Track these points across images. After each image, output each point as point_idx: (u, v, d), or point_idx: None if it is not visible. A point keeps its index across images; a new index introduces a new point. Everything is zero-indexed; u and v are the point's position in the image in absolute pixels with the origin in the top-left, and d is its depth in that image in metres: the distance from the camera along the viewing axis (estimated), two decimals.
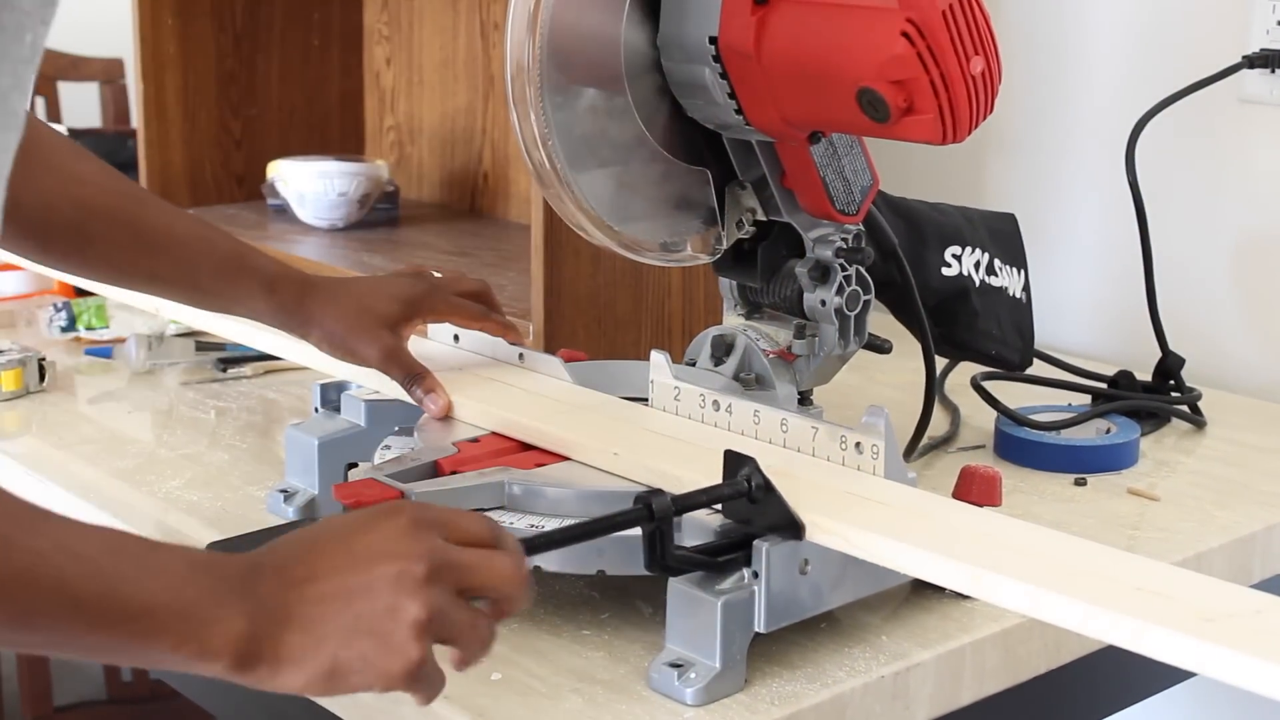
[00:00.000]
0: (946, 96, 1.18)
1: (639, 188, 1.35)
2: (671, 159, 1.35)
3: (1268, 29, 1.83)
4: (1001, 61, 1.21)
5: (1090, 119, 2.03)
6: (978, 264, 1.57)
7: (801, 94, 1.26)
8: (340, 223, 2.27)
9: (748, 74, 1.27)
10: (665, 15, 1.32)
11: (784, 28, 1.25)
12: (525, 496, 1.20)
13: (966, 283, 1.56)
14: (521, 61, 1.28)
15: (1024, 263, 1.63)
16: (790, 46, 1.24)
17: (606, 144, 1.32)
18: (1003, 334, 1.60)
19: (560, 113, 1.29)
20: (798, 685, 1.12)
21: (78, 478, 1.51)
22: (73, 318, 1.96)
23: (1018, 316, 1.62)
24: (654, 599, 1.21)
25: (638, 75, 1.33)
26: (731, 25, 1.27)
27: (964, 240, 1.57)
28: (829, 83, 1.22)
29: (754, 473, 1.10)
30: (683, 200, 1.37)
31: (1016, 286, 1.62)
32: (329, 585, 0.92)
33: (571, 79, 1.30)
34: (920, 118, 1.18)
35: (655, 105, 1.34)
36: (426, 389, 1.36)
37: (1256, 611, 0.95)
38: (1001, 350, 1.60)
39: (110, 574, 0.87)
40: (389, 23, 2.52)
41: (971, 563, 1.02)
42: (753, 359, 1.38)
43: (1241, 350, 1.92)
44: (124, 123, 3.42)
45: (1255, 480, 1.56)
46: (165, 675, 1.51)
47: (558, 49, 1.28)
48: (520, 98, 1.29)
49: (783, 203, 1.36)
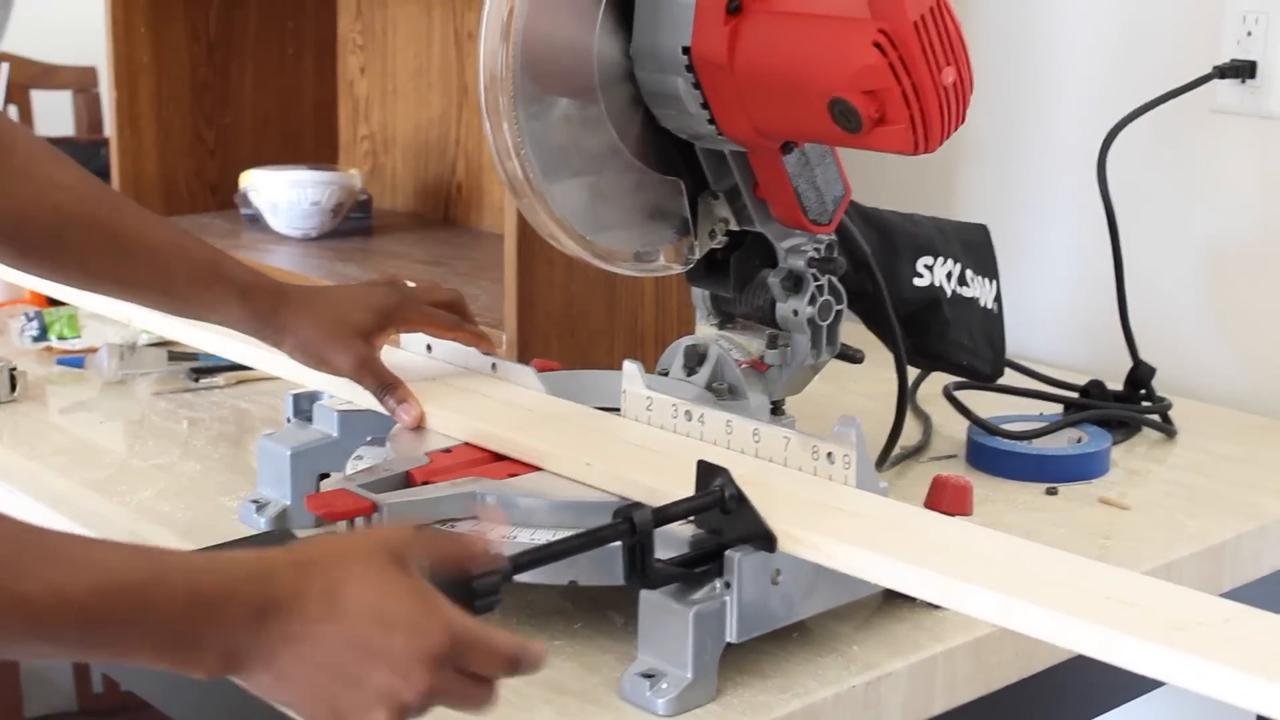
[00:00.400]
0: (918, 106, 1.18)
1: (612, 198, 1.35)
2: (644, 169, 1.36)
3: (1238, 40, 1.84)
4: (973, 72, 1.22)
5: (1062, 129, 2.04)
6: (949, 274, 1.57)
7: (774, 104, 1.26)
8: (314, 232, 2.27)
9: (720, 84, 1.28)
10: (638, 25, 1.32)
11: (757, 37, 1.25)
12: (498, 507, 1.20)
13: (938, 293, 1.56)
14: (495, 71, 1.28)
15: (995, 273, 1.64)
16: (763, 56, 1.24)
17: (579, 154, 1.32)
18: (974, 344, 1.60)
19: (533, 123, 1.29)
20: (769, 695, 1.12)
21: (49, 488, 1.51)
22: (44, 327, 1.95)
23: (989, 327, 1.62)
24: (626, 609, 1.21)
25: (611, 85, 1.33)
26: (704, 35, 1.27)
27: (936, 251, 1.57)
28: (801, 92, 1.22)
29: (727, 483, 1.10)
30: (656, 210, 1.37)
31: (988, 297, 1.62)
32: (323, 657, 0.92)
33: (545, 89, 1.30)
34: (892, 128, 1.19)
35: (628, 115, 1.34)
36: (399, 399, 1.36)
37: (1226, 620, 0.95)
38: (973, 361, 1.61)
39: (97, 622, 0.87)
40: (363, 32, 2.51)
41: (943, 573, 1.02)
42: (725, 369, 1.38)
43: (1212, 359, 1.93)
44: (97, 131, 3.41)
45: (1225, 489, 1.56)
46: (136, 686, 1.50)
47: (531, 59, 1.28)
48: (493, 108, 1.29)
49: (755, 213, 1.36)
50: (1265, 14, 1.81)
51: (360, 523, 1.17)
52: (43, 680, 3.21)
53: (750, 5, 1.26)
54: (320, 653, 0.92)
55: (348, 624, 0.92)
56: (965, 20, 1.23)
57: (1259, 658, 0.89)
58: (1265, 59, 1.82)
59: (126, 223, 1.39)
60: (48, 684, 3.20)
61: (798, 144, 1.33)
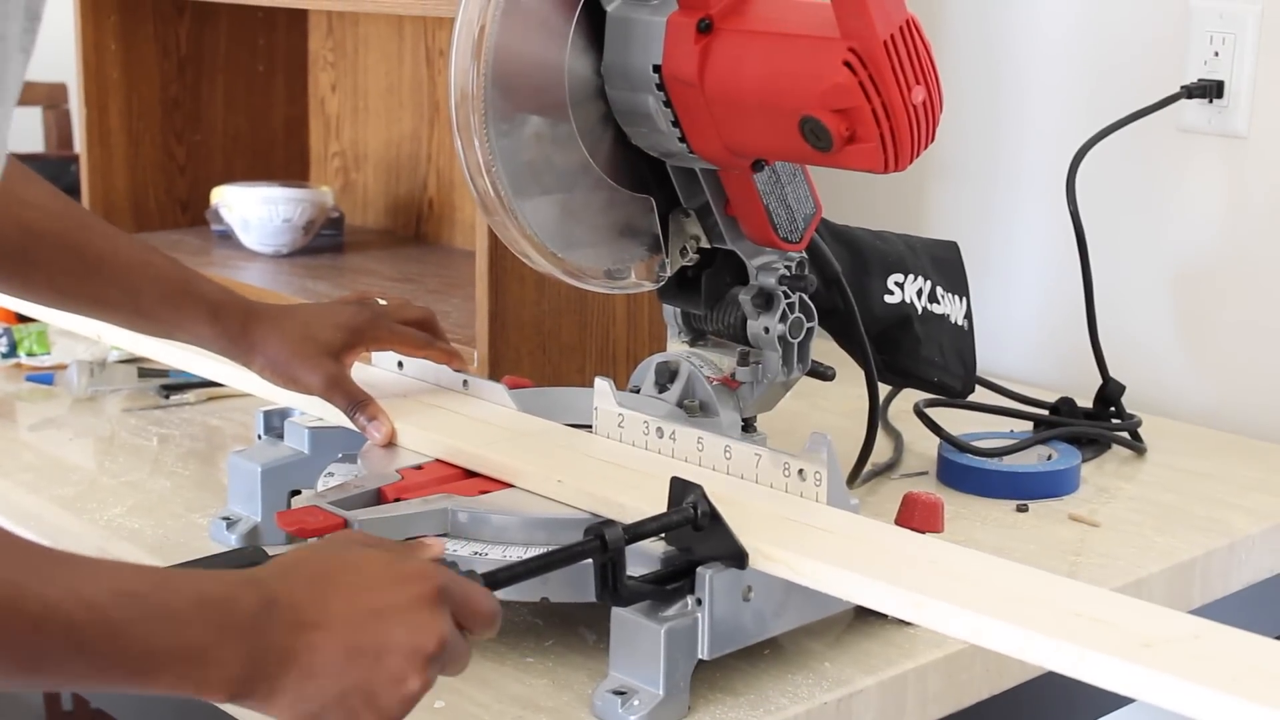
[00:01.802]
0: (888, 125, 1.18)
1: (583, 215, 1.35)
2: (616, 186, 1.36)
3: (1205, 60, 1.85)
4: (942, 91, 1.22)
5: (1031, 148, 2.05)
6: (919, 291, 1.58)
7: (745, 122, 1.26)
8: (285, 249, 2.26)
9: (691, 102, 1.28)
10: (609, 44, 1.32)
11: (727, 56, 1.25)
12: (469, 523, 1.20)
13: (909, 310, 1.57)
14: (466, 89, 1.28)
15: (966, 290, 1.64)
16: (733, 75, 1.25)
17: (551, 171, 1.33)
18: (945, 361, 1.61)
19: (504, 140, 1.29)
20: (741, 712, 1.12)
21: (18, 505, 1.50)
22: (14, 344, 1.94)
23: (960, 343, 1.63)
24: (598, 626, 1.21)
25: (582, 103, 1.33)
26: (675, 54, 1.28)
27: (906, 268, 1.58)
28: (772, 111, 1.22)
29: (699, 500, 1.10)
30: (627, 227, 1.37)
31: (958, 314, 1.63)
32: (339, 639, 0.93)
33: (516, 107, 1.30)
34: (862, 146, 1.19)
35: (599, 133, 1.35)
36: (370, 416, 1.36)
37: (1195, 637, 0.95)
38: (943, 377, 1.61)
39: (118, 621, 0.87)
40: (334, 49, 2.51)
41: (914, 590, 1.03)
42: (696, 386, 1.38)
43: (1181, 377, 1.94)
44: (67, 148, 3.40)
45: (1195, 506, 1.57)
46: (106, 704, 1.50)
47: (502, 77, 1.28)
48: (464, 125, 1.29)
49: (726, 230, 1.37)
50: (1232, 34, 1.83)
51: None
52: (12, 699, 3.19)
53: (721, 24, 1.27)
54: (335, 634, 0.93)
55: (348, 596, 0.94)
56: (935, 39, 1.24)
57: (1228, 674, 0.90)
58: (1232, 79, 1.83)
59: (95, 242, 1.38)
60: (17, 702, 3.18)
61: (768, 162, 1.33)
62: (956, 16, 2.08)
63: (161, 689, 0.89)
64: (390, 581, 0.95)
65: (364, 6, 2.06)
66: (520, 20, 1.29)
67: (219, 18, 2.44)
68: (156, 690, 0.89)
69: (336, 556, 0.98)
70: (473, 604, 0.98)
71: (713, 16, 1.27)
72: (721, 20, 1.27)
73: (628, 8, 1.31)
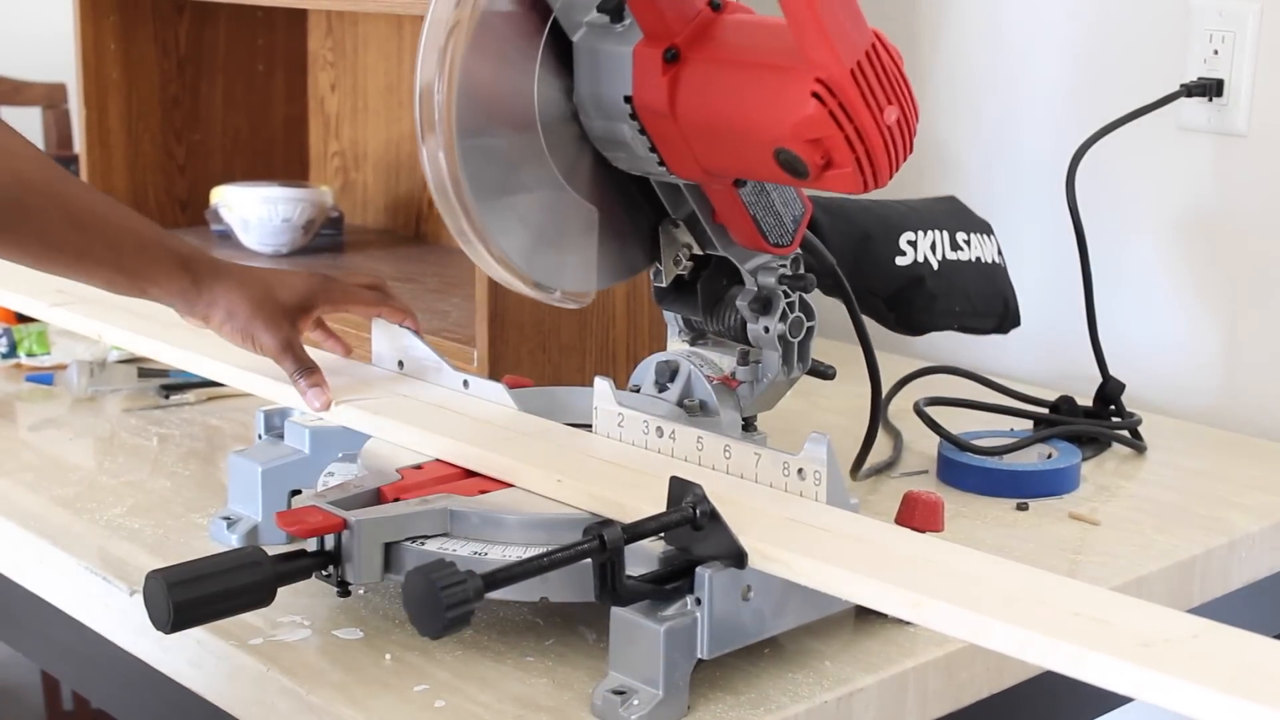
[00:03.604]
0: (863, 148, 1.17)
1: (562, 234, 1.34)
2: (592, 206, 1.35)
3: (1205, 58, 1.85)
4: (916, 102, 1.21)
5: (1031, 146, 2.05)
6: (934, 245, 1.55)
7: (720, 150, 1.25)
8: (284, 248, 2.26)
9: (665, 130, 1.27)
10: (578, 75, 1.31)
11: (696, 86, 1.24)
12: (469, 523, 1.20)
13: (922, 269, 1.54)
14: (433, 128, 1.28)
15: (990, 230, 1.62)
16: (704, 106, 1.23)
17: (525, 196, 1.31)
18: (971, 306, 1.57)
19: (472, 166, 1.28)
20: (741, 711, 1.12)
21: (18, 505, 1.50)
22: (13, 344, 1.94)
23: (996, 282, 1.59)
24: (597, 625, 1.21)
25: (553, 127, 1.32)
26: (644, 85, 1.26)
27: (915, 225, 1.55)
28: (745, 142, 1.21)
29: (699, 500, 1.10)
30: (616, 241, 1.37)
31: (990, 253, 1.60)
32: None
33: (488, 137, 1.28)
34: (840, 171, 1.18)
35: (575, 153, 1.34)
36: (312, 383, 1.41)
37: (1194, 636, 0.95)
38: (967, 322, 1.58)
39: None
40: (334, 49, 2.51)
41: (913, 589, 1.03)
42: (696, 385, 1.38)
43: (1181, 376, 1.94)
44: (67, 148, 3.40)
45: (1195, 505, 1.57)
46: (107, 704, 1.50)
47: (468, 105, 1.27)
48: (443, 197, 1.29)
49: (716, 238, 1.36)
50: (1232, 33, 1.83)
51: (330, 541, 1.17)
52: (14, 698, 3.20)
53: (688, 53, 1.24)
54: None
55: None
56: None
57: (1228, 673, 0.90)
58: (1232, 77, 1.83)
59: (78, 193, 1.40)
60: (18, 701, 3.19)
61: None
62: (956, 15, 2.08)
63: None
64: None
65: (364, 6, 2.06)
66: (487, 52, 1.27)
67: (218, 17, 2.44)
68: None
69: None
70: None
71: (679, 45, 1.24)
72: (688, 49, 1.25)
73: (594, 37, 1.30)
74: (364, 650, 1.20)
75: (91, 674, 1.45)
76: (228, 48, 2.46)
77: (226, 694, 1.22)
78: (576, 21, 1.30)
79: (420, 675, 1.16)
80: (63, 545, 1.40)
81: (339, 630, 1.23)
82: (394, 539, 1.17)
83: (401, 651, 1.20)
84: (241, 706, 1.21)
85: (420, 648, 1.20)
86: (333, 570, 1.17)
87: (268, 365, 1.45)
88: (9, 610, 1.54)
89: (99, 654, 1.38)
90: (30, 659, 1.70)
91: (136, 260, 1.40)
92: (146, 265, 1.41)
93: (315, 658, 1.19)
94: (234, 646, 1.20)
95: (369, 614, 1.26)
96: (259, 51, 2.50)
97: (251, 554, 1.12)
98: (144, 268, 1.41)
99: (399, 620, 1.24)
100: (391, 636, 1.22)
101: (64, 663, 1.51)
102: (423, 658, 1.18)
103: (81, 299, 1.72)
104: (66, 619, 1.40)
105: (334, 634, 1.23)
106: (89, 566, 1.35)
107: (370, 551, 1.16)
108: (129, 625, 1.31)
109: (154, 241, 1.41)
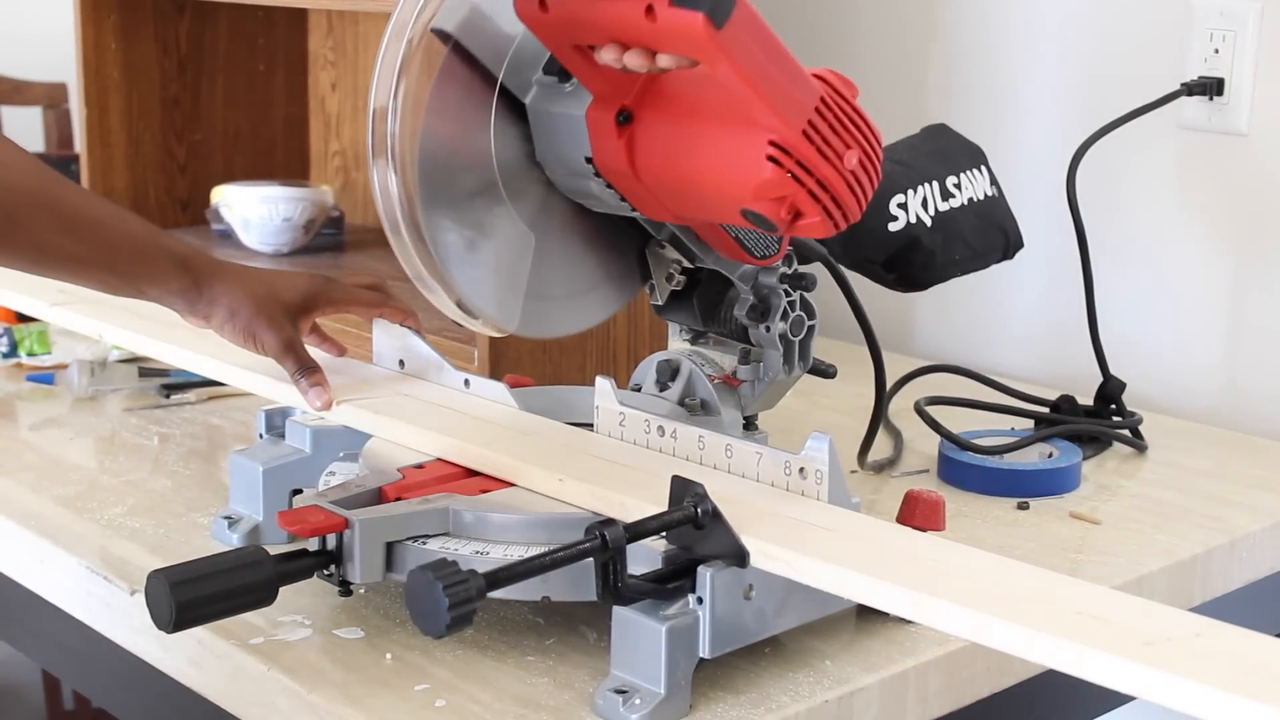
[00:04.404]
0: (829, 197, 1.17)
1: (556, 271, 1.35)
2: (568, 244, 1.36)
3: (1205, 57, 1.85)
4: (878, 136, 1.20)
5: (1031, 145, 2.05)
6: (925, 201, 1.52)
7: (688, 205, 1.25)
8: (285, 248, 2.26)
9: (632, 187, 1.27)
10: (537, 137, 1.31)
11: (654, 148, 1.23)
12: (470, 522, 1.20)
13: (916, 230, 1.50)
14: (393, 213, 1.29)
15: (980, 159, 1.58)
16: (665, 167, 1.23)
17: (491, 249, 1.32)
18: (971, 251, 1.54)
19: (444, 237, 1.29)
20: (742, 710, 1.12)
21: (19, 505, 1.50)
22: (14, 343, 1.94)
23: (993, 215, 1.55)
24: (598, 624, 1.21)
25: (516, 180, 1.32)
26: (602, 148, 1.25)
27: (904, 185, 1.52)
28: (711, 200, 1.21)
29: (702, 499, 1.10)
30: (605, 272, 1.38)
31: (982, 187, 1.56)
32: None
33: (450, 206, 1.29)
34: (809, 221, 1.17)
35: (543, 198, 1.34)
36: (314, 382, 1.41)
37: (1196, 635, 0.95)
38: (970, 267, 1.55)
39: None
40: (334, 48, 2.51)
41: (914, 588, 1.03)
42: (698, 384, 1.38)
43: (1181, 375, 1.94)
44: (67, 147, 3.41)
45: (1195, 503, 1.57)
46: (108, 703, 1.50)
47: (429, 173, 1.28)
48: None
49: (703, 254, 1.36)
50: (1233, 31, 1.83)
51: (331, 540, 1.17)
52: (15, 697, 3.20)
53: (640, 113, 1.23)
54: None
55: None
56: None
57: (1229, 672, 0.90)
58: (1233, 76, 1.83)
59: (71, 199, 1.40)
60: (19, 701, 3.19)
61: None
62: (957, 13, 2.08)
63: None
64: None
65: (364, 6, 2.05)
66: (442, 115, 1.28)
67: (219, 17, 2.44)
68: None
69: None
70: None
71: (629, 107, 1.23)
72: (639, 109, 1.23)
73: (545, 99, 1.29)
74: (365, 650, 1.20)
75: (92, 673, 1.45)
76: (228, 47, 2.46)
77: (227, 693, 1.22)
78: (526, 81, 1.30)
79: (421, 675, 1.16)
80: (64, 545, 1.40)
81: (340, 629, 1.23)
82: (395, 538, 1.17)
83: (402, 651, 1.20)
84: (242, 706, 1.21)
85: (421, 647, 1.20)
86: (334, 570, 1.17)
87: (269, 365, 1.44)
88: (10, 610, 1.54)
89: (100, 653, 1.38)
90: (31, 658, 1.70)
91: (132, 263, 1.40)
92: (143, 267, 1.40)
93: (316, 657, 1.19)
94: (235, 646, 1.20)
95: (370, 613, 1.26)
96: (259, 51, 2.50)
97: (253, 553, 1.12)
98: (141, 270, 1.40)
99: (400, 620, 1.24)
100: (392, 636, 1.22)
101: (65, 662, 1.51)
102: (423, 657, 1.18)
103: (82, 299, 1.72)
104: (67, 618, 1.40)
105: (335, 633, 1.23)
106: (90, 566, 1.35)
107: (372, 551, 1.16)
108: (130, 624, 1.31)
109: (151, 244, 1.41)
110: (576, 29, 1.18)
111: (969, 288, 2.12)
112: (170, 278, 1.41)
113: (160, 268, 1.41)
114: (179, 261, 1.41)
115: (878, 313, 1.58)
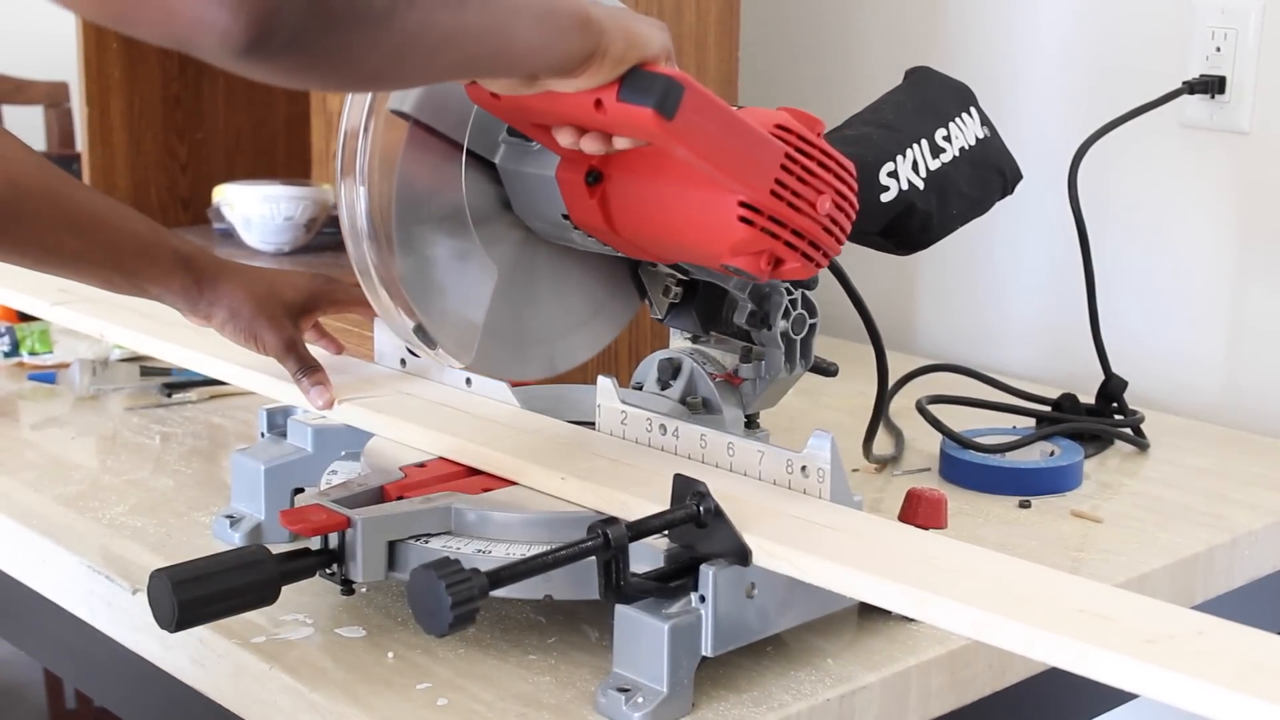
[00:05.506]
0: (806, 243, 1.17)
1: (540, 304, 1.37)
2: (556, 282, 1.37)
3: (1207, 55, 1.85)
4: (851, 172, 1.19)
5: (1033, 144, 2.04)
6: (915, 164, 1.50)
7: (670, 255, 1.26)
8: (287, 247, 2.26)
9: (612, 239, 1.27)
10: (511, 194, 1.31)
11: (627, 205, 1.23)
12: (472, 521, 1.20)
13: (909, 196, 1.48)
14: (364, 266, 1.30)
15: (969, 101, 1.55)
16: (641, 223, 1.23)
17: (463, 287, 1.33)
18: (968, 202, 1.52)
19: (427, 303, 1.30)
20: (744, 709, 1.12)
21: (20, 504, 1.50)
22: (16, 343, 1.94)
23: (987, 158, 1.53)
24: (600, 623, 1.21)
25: (491, 226, 1.33)
26: (576, 207, 1.26)
27: (892, 152, 1.50)
28: (690, 254, 1.22)
29: (704, 497, 1.10)
30: (597, 299, 1.40)
31: (972, 131, 1.53)
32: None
33: (429, 273, 1.30)
34: (790, 267, 1.18)
35: (521, 241, 1.35)
36: (315, 381, 1.41)
37: (1198, 633, 0.95)
38: (972, 214, 1.53)
39: None
40: None
41: (917, 586, 1.03)
42: (699, 383, 1.38)
43: (1183, 373, 1.94)
44: (69, 146, 3.41)
45: (1197, 502, 1.57)
46: (110, 702, 1.50)
47: (406, 222, 1.29)
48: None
49: (696, 271, 1.36)
50: (1234, 30, 1.83)
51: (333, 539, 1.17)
52: (17, 696, 3.20)
53: (609, 171, 1.23)
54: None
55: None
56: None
57: (1231, 670, 0.90)
58: (1234, 74, 1.83)
59: (75, 196, 1.40)
60: (21, 700, 3.19)
61: None
62: (957, 12, 2.08)
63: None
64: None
65: None
66: (415, 173, 1.28)
67: None
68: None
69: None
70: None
71: (596, 165, 1.23)
72: (607, 168, 1.23)
73: (514, 158, 1.29)
74: (367, 648, 1.20)
75: (94, 672, 1.45)
76: None
77: (229, 692, 1.22)
78: (493, 140, 1.31)
79: (423, 673, 1.16)
80: (65, 544, 1.40)
81: (342, 628, 1.23)
82: (398, 537, 1.17)
83: (404, 650, 1.20)
84: (244, 705, 1.21)
85: (423, 646, 1.20)
86: (336, 569, 1.17)
87: (270, 364, 1.44)
88: (12, 609, 1.54)
89: (101, 652, 1.38)
90: (33, 657, 1.71)
91: (136, 261, 1.40)
92: (146, 266, 1.41)
93: (318, 656, 1.19)
94: (236, 645, 1.20)
95: (372, 612, 1.26)
96: None
97: (255, 553, 1.12)
98: (143, 269, 1.41)
99: (402, 619, 1.24)
100: (394, 635, 1.22)
101: (67, 661, 1.51)
102: (425, 656, 1.18)
103: (83, 298, 1.72)
104: (69, 617, 1.40)
105: (337, 632, 1.23)
106: (91, 565, 1.35)
107: (374, 550, 1.16)
108: (132, 624, 1.31)
109: (154, 242, 1.41)
110: (530, 114, 1.18)
111: (970, 286, 2.12)
112: (172, 276, 1.41)
113: (163, 266, 1.41)
114: (181, 260, 1.41)
115: (879, 312, 1.58)
